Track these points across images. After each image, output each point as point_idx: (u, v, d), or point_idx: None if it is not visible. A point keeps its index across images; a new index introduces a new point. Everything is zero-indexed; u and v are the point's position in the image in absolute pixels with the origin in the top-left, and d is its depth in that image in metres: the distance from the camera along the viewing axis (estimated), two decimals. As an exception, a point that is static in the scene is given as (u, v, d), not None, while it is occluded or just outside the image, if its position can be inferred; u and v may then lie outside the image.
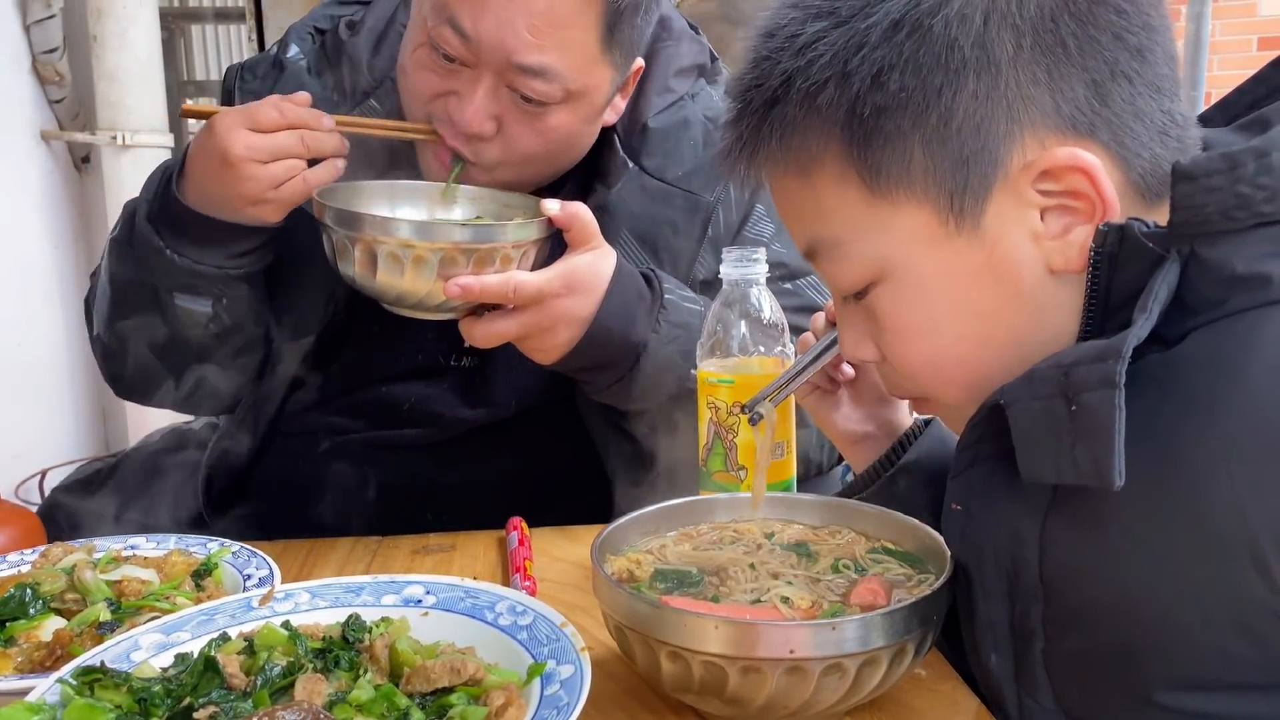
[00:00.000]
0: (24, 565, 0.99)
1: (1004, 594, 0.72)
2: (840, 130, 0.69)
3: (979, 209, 0.68)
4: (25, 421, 2.61)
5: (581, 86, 1.11)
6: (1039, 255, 0.69)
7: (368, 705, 0.70)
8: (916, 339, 0.74)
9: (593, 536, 0.83)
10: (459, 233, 1.02)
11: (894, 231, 0.70)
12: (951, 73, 0.66)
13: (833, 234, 0.73)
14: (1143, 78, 0.68)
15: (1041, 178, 0.68)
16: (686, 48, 1.30)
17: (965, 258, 0.70)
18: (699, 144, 1.25)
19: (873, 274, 0.73)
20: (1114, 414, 0.59)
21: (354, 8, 1.33)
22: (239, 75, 1.29)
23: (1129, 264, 0.66)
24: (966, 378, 0.74)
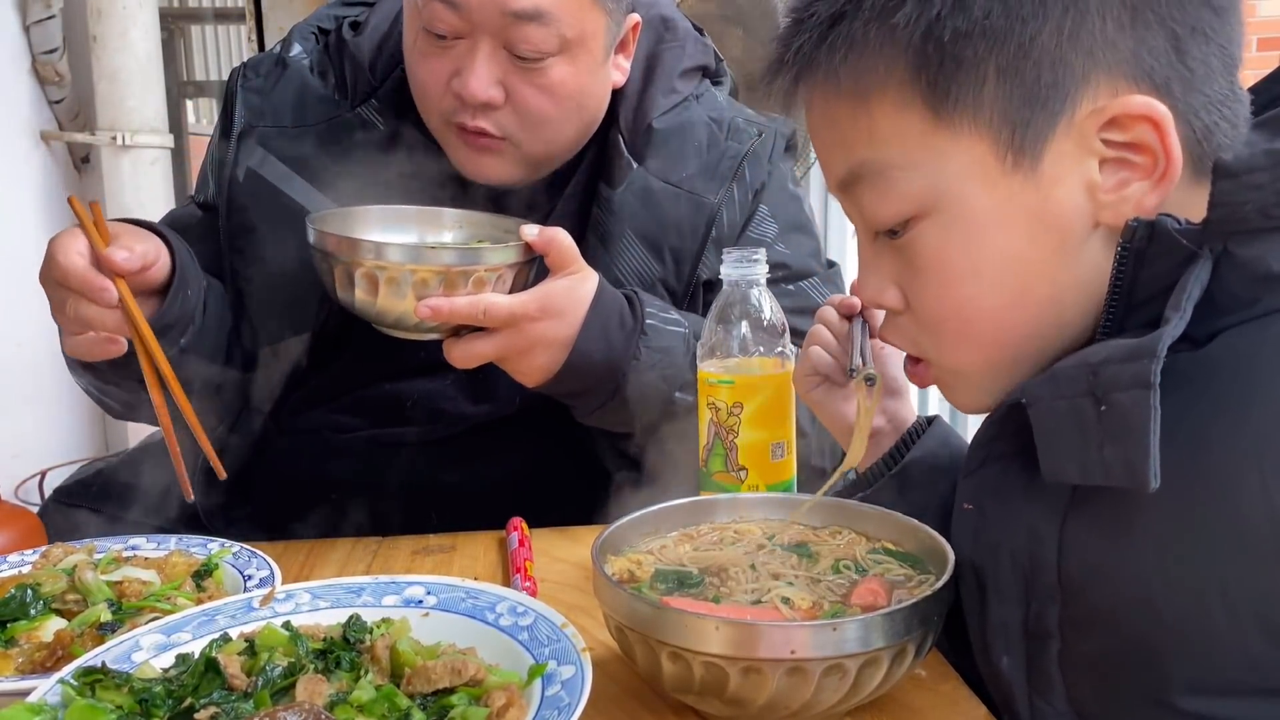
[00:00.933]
0: (25, 566, 0.99)
1: (1019, 595, 0.71)
2: (911, 53, 0.67)
3: (1040, 148, 0.66)
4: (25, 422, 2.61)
5: (578, 33, 1.11)
6: (1090, 208, 0.67)
7: (369, 706, 0.70)
8: (953, 283, 0.71)
9: (593, 537, 0.83)
10: (430, 255, 1.02)
11: (950, 162, 0.68)
12: (1039, 3, 0.64)
13: (883, 160, 0.70)
14: (1218, 39, 0.67)
15: (1108, 125, 0.66)
16: (691, 49, 1.30)
17: (1018, 199, 0.68)
18: (703, 145, 1.25)
19: (918, 207, 0.70)
20: (1149, 414, 0.58)
21: (358, 8, 1.33)
22: (241, 74, 1.29)
23: (1157, 260, 0.65)
24: (993, 335, 0.72)
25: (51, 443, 2.71)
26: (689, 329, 1.14)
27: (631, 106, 1.24)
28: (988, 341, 0.72)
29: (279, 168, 1.23)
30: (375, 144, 1.23)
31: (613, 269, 1.21)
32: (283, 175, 1.23)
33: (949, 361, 0.77)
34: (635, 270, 1.22)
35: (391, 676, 0.74)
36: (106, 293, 0.99)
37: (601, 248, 1.22)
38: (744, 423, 1.02)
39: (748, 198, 1.26)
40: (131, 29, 2.73)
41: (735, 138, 1.27)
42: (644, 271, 1.22)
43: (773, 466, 1.03)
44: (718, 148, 1.25)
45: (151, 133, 2.78)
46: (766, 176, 1.27)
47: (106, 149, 2.75)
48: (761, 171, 1.27)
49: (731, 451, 1.04)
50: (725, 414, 1.03)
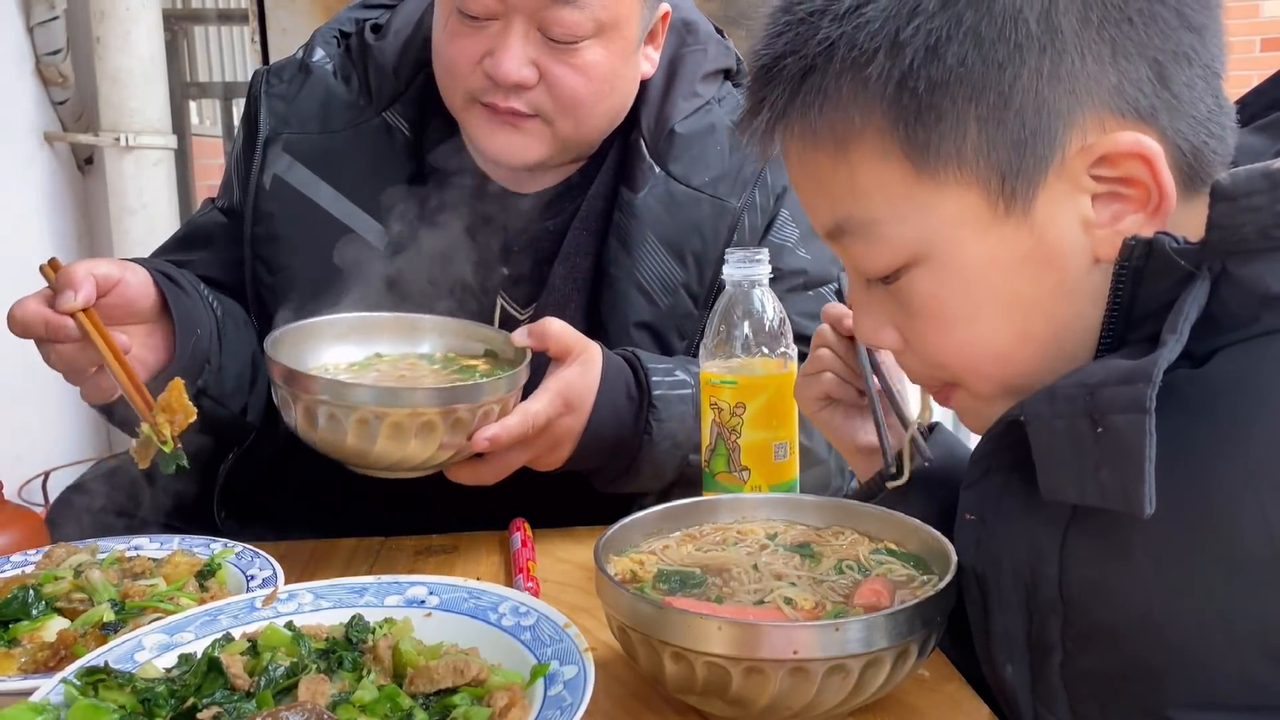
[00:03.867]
0: (28, 566, 0.99)
1: (1021, 606, 0.70)
2: (886, 105, 0.65)
3: (1031, 193, 0.65)
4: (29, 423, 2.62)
5: (612, 17, 1.11)
6: (1087, 244, 0.67)
7: (371, 706, 0.70)
8: (951, 328, 0.70)
9: (595, 537, 0.83)
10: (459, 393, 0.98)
11: (937, 213, 0.67)
12: (1014, 47, 0.63)
13: (867, 214, 0.69)
14: (1200, 59, 0.66)
15: (1099, 163, 0.65)
16: (713, 52, 1.30)
17: (1012, 244, 0.66)
18: (725, 149, 1.25)
19: (908, 257, 0.69)
20: (1144, 440, 0.57)
21: (379, 11, 1.33)
22: (264, 80, 1.29)
23: (1155, 279, 0.64)
24: (1000, 372, 0.71)
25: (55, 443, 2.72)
26: (695, 388, 1.13)
27: (653, 110, 1.24)
28: (998, 375, 0.72)
29: (305, 174, 1.23)
30: (401, 148, 1.23)
31: (635, 273, 1.21)
32: (309, 182, 1.23)
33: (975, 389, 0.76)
34: (658, 275, 1.22)
35: (394, 677, 0.74)
36: (66, 328, 0.99)
37: (624, 252, 1.22)
38: (746, 423, 1.02)
39: (769, 202, 1.26)
40: (135, 30, 2.74)
41: None
42: (666, 276, 1.22)
43: (775, 467, 1.03)
44: (740, 151, 1.25)
45: (155, 134, 2.79)
46: (788, 180, 1.27)
47: (110, 150, 2.76)
48: (783, 175, 1.27)
49: (734, 452, 1.04)
50: (728, 414, 1.03)
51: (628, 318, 1.19)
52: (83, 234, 2.93)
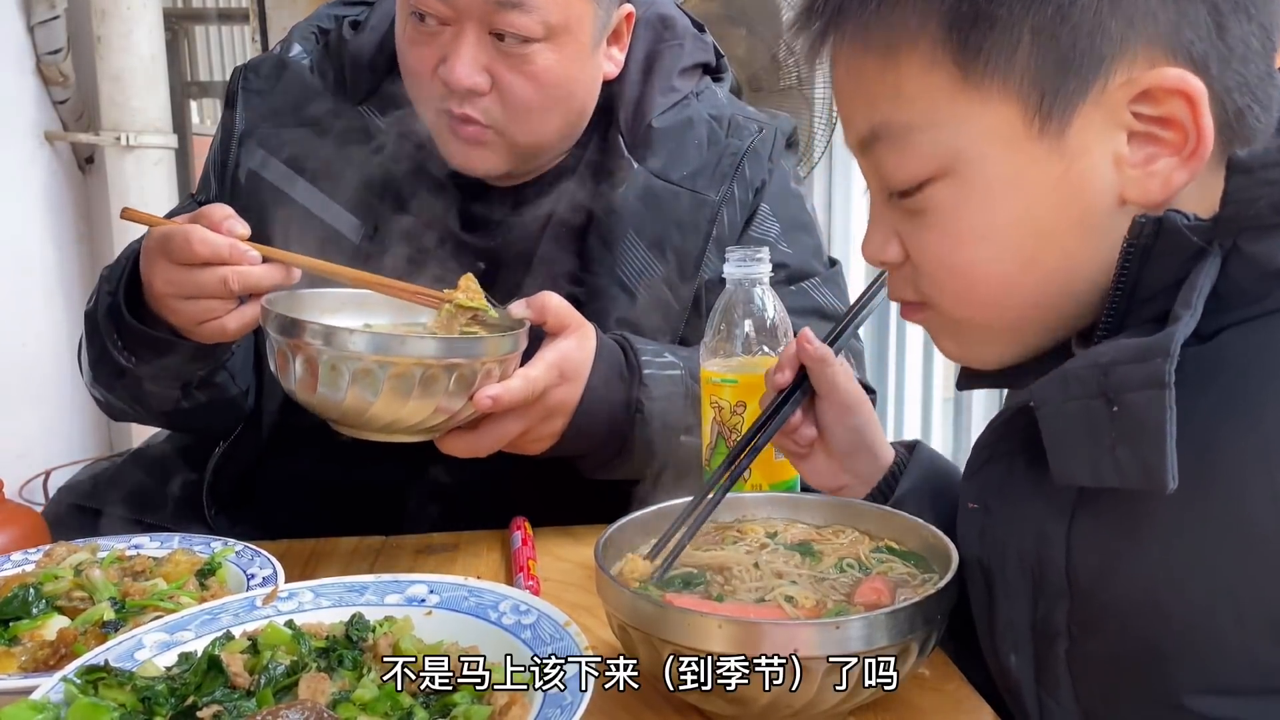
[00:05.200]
0: (28, 564, 0.99)
1: (1027, 593, 0.70)
2: (946, 8, 0.66)
3: (1068, 116, 0.65)
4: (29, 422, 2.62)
5: (562, 20, 1.11)
6: (1116, 182, 0.66)
7: (371, 704, 0.70)
8: (964, 244, 0.70)
9: (596, 536, 0.83)
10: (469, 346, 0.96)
11: (974, 125, 0.67)
12: None
13: (906, 120, 0.69)
14: (1259, 18, 0.66)
15: (1140, 98, 0.64)
16: (690, 46, 1.30)
17: (1041, 166, 0.66)
18: (703, 143, 1.25)
19: (937, 168, 0.69)
20: (1164, 414, 0.57)
21: (358, 8, 1.33)
22: (242, 76, 1.29)
23: (1163, 257, 0.64)
24: (996, 298, 0.71)
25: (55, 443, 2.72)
26: (685, 369, 1.13)
27: (631, 106, 1.24)
28: (990, 303, 0.71)
29: (280, 169, 1.23)
30: (376, 143, 1.23)
31: (616, 269, 1.21)
32: (284, 176, 1.23)
33: (951, 312, 0.75)
34: (638, 270, 1.22)
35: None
36: (250, 250, 0.99)
37: (604, 248, 1.22)
38: (747, 422, 1.02)
39: (749, 196, 1.26)
40: (135, 29, 2.74)
41: (736, 135, 1.26)
42: (647, 271, 1.22)
43: (776, 465, 1.03)
44: (718, 145, 1.25)
45: (155, 133, 2.79)
46: (767, 174, 1.27)
47: (110, 149, 2.76)
48: (762, 169, 1.27)
49: (735, 451, 1.03)
50: (728, 413, 1.03)
51: (609, 314, 1.19)
52: (83, 233, 2.93)
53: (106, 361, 1.13)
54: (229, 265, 0.99)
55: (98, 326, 1.13)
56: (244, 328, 1.03)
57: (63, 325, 2.69)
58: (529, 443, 1.07)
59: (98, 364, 1.16)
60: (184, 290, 1.00)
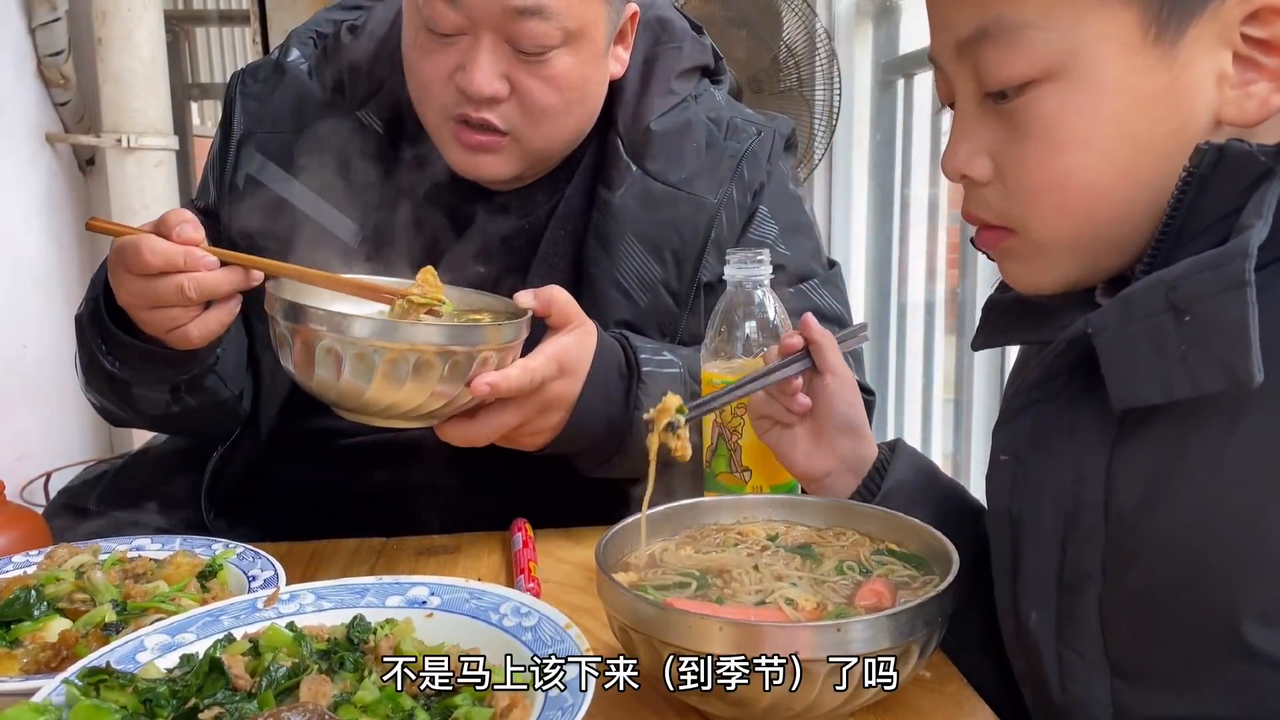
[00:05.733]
0: (29, 567, 0.99)
1: (1057, 541, 0.70)
2: None
3: (1184, 27, 0.66)
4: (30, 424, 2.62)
5: (578, 24, 1.11)
6: (1215, 99, 0.67)
7: (372, 706, 0.70)
8: (1062, 151, 0.70)
9: (596, 538, 0.83)
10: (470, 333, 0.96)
11: (1089, 26, 0.67)
12: None
13: (1022, 17, 0.69)
14: None
15: (1250, 19, 0.65)
16: (689, 49, 1.30)
17: (1150, 75, 0.67)
18: (702, 146, 1.25)
19: (1045, 69, 0.69)
20: (1245, 310, 0.58)
21: (356, 12, 1.32)
22: (240, 80, 1.29)
23: (1221, 185, 0.64)
24: (1089, 208, 0.70)
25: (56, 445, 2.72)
26: (684, 368, 1.13)
27: (629, 109, 1.24)
28: (1082, 215, 0.71)
29: (278, 173, 1.23)
30: (374, 148, 1.23)
31: (614, 272, 1.21)
32: (282, 181, 1.23)
33: (1037, 234, 0.74)
34: (637, 273, 1.22)
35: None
36: (206, 256, 0.98)
37: (602, 251, 1.22)
38: (748, 424, 1.02)
39: (747, 198, 1.26)
40: (136, 31, 2.74)
41: (734, 137, 1.26)
42: (645, 274, 1.22)
43: (777, 467, 1.03)
44: (717, 148, 1.25)
45: (156, 135, 2.79)
46: (766, 177, 1.27)
47: (111, 151, 2.76)
48: (760, 171, 1.27)
49: (735, 452, 1.04)
50: (729, 415, 1.03)
51: (607, 317, 1.19)
52: (84, 235, 2.93)
53: (95, 367, 1.13)
54: (185, 273, 0.98)
55: (85, 333, 1.13)
56: (207, 335, 1.02)
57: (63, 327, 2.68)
58: (526, 436, 1.07)
59: (88, 369, 1.16)
60: (145, 300, 1.00)
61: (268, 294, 0.99)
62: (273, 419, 1.27)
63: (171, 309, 0.99)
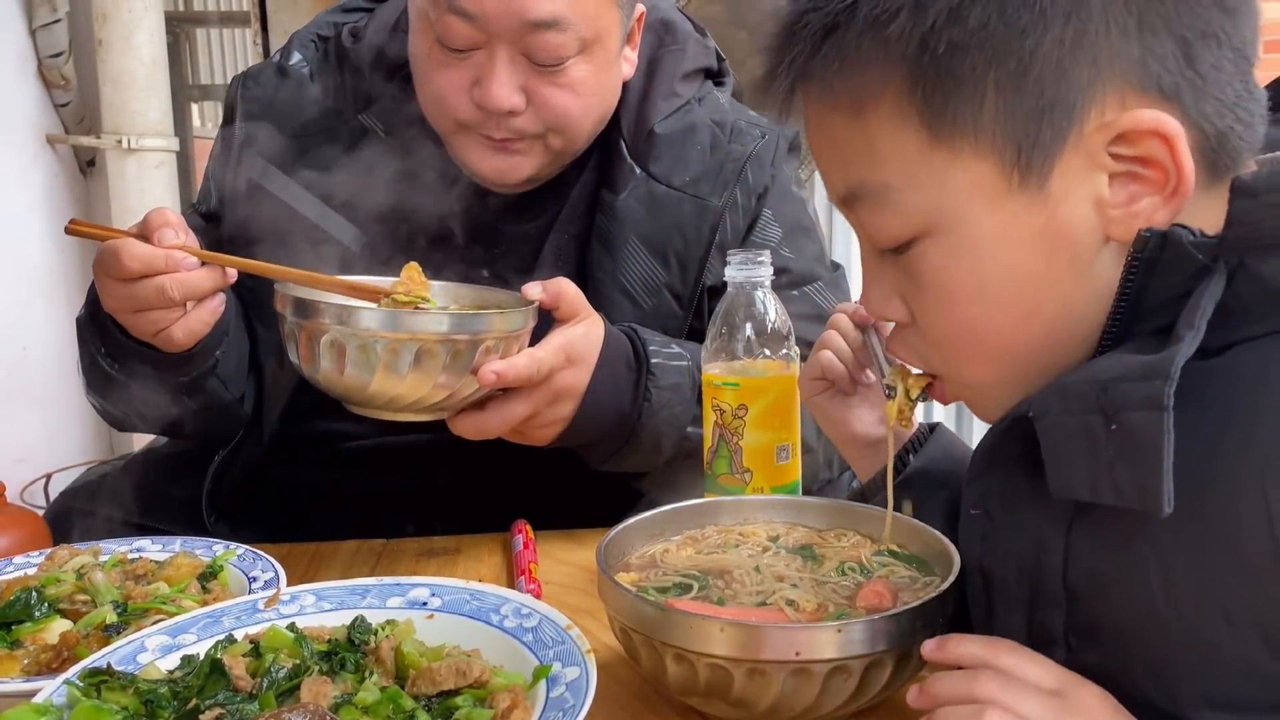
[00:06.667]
0: (30, 568, 0.99)
1: (1024, 601, 0.70)
2: (907, 66, 0.64)
3: (1047, 166, 0.64)
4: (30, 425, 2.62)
5: (594, 33, 1.11)
6: (1100, 223, 0.65)
7: (373, 707, 0.70)
8: (959, 303, 0.69)
9: (597, 539, 0.83)
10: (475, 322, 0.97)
11: (951, 183, 0.66)
12: (1038, 13, 0.61)
13: (882, 180, 0.68)
14: (1231, 41, 0.64)
15: (1117, 140, 0.63)
16: (692, 51, 1.30)
17: (1024, 219, 0.65)
18: (706, 149, 1.25)
19: (919, 228, 0.68)
20: (1161, 438, 0.56)
21: (358, 14, 1.32)
22: (241, 84, 1.29)
23: (1168, 271, 0.63)
24: (1003, 351, 0.70)
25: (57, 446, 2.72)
26: (692, 361, 1.13)
27: (633, 111, 1.24)
28: (998, 357, 0.70)
29: (280, 178, 1.23)
30: (376, 152, 1.23)
31: (618, 276, 1.21)
32: (284, 185, 1.22)
33: (960, 376, 0.75)
34: (641, 276, 1.22)
35: (396, 678, 0.74)
36: (186, 258, 0.98)
37: (606, 255, 1.22)
38: (749, 425, 1.02)
39: (751, 201, 1.25)
40: (137, 33, 2.74)
41: (738, 140, 1.26)
42: (649, 277, 1.22)
43: (777, 469, 1.03)
44: (720, 151, 1.25)
45: (157, 136, 2.79)
46: (770, 180, 1.27)
47: (112, 152, 2.76)
48: (764, 174, 1.27)
49: (736, 454, 1.04)
50: (730, 416, 1.03)
51: (611, 320, 1.19)
52: (85, 236, 2.93)
53: (97, 369, 1.13)
54: (166, 274, 0.98)
55: (86, 335, 1.13)
56: (191, 335, 1.02)
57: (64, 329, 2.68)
58: (536, 429, 1.07)
59: (90, 371, 1.16)
60: (128, 305, 1.00)
61: (276, 292, 1.00)
62: (274, 423, 1.27)
63: (154, 311, 1.00)
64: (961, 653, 0.66)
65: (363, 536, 1.17)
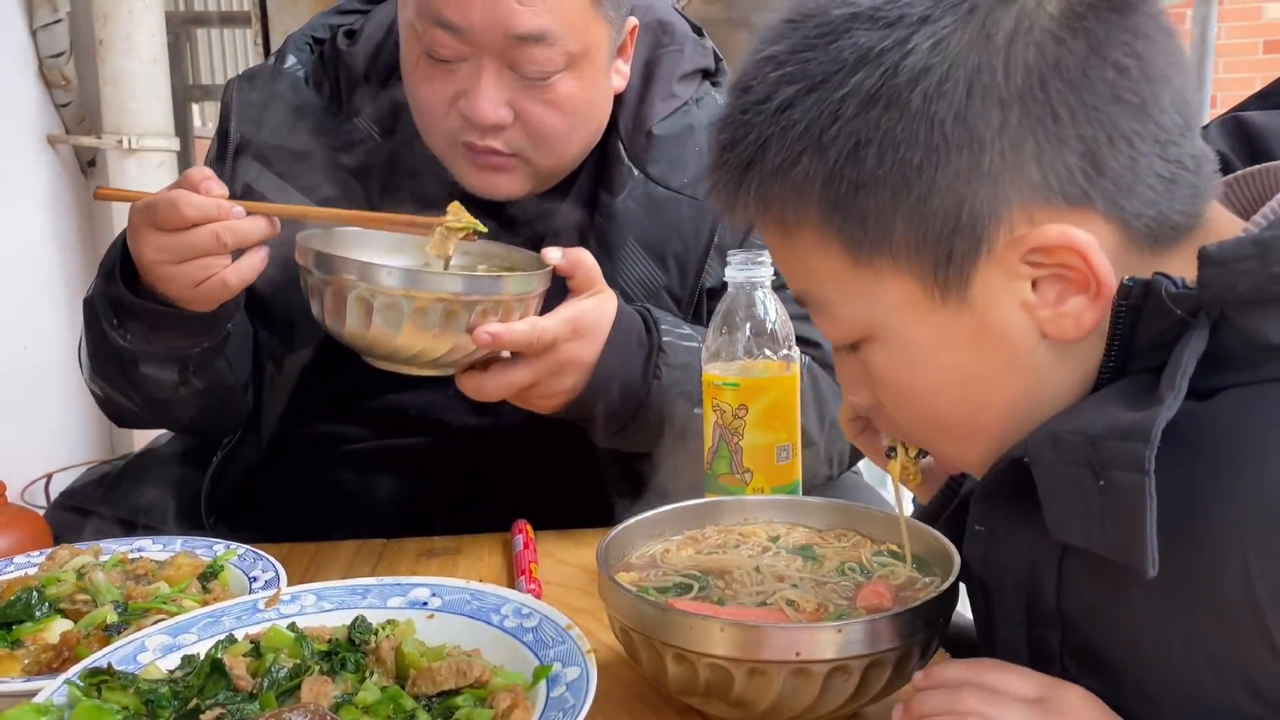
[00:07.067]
0: (31, 568, 0.99)
1: (1022, 618, 0.70)
2: (818, 202, 0.66)
3: (966, 280, 0.65)
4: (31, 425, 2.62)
5: (581, 47, 1.10)
6: (1032, 323, 0.66)
7: (374, 707, 0.70)
8: (914, 399, 0.71)
9: (598, 539, 0.83)
10: (483, 284, 0.99)
11: (879, 298, 0.67)
12: (931, 150, 0.62)
13: (819, 293, 0.70)
14: (1146, 135, 0.63)
15: (1031, 252, 0.64)
16: (690, 52, 1.30)
17: (954, 327, 0.66)
18: (704, 150, 1.24)
19: (862, 333, 0.70)
20: (1144, 502, 0.56)
21: (353, 16, 1.32)
22: (236, 86, 1.28)
23: (1154, 318, 0.62)
24: (971, 433, 0.71)
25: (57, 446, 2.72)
26: (702, 343, 1.13)
27: (631, 113, 1.24)
28: (967, 439, 0.72)
29: (275, 181, 1.22)
30: (372, 156, 1.23)
31: (616, 278, 1.21)
32: (279, 189, 1.22)
33: (939, 454, 0.77)
34: (639, 279, 1.22)
35: (396, 678, 0.74)
36: (235, 207, 1.01)
37: (604, 257, 1.21)
38: (749, 425, 1.02)
39: None
40: (137, 33, 2.74)
41: None
42: (648, 280, 1.22)
43: (778, 469, 1.03)
44: None
45: (157, 136, 2.79)
46: None
47: (112, 153, 2.76)
48: None
49: (736, 454, 1.04)
50: (730, 416, 1.03)
51: None
52: (85, 236, 2.93)
53: (104, 347, 1.13)
54: (220, 221, 1.00)
55: (96, 311, 1.13)
56: (243, 281, 1.04)
57: (65, 328, 2.69)
58: (539, 398, 1.07)
59: (96, 352, 1.16)
60: (177, 255, 1.01)
61: (298, 245, 1.02)
62: (274, 425, 1.27)
63: (205, 258, 1.01)
64: (946, 677, 0.67)
65: (363, 536, 1.17)
